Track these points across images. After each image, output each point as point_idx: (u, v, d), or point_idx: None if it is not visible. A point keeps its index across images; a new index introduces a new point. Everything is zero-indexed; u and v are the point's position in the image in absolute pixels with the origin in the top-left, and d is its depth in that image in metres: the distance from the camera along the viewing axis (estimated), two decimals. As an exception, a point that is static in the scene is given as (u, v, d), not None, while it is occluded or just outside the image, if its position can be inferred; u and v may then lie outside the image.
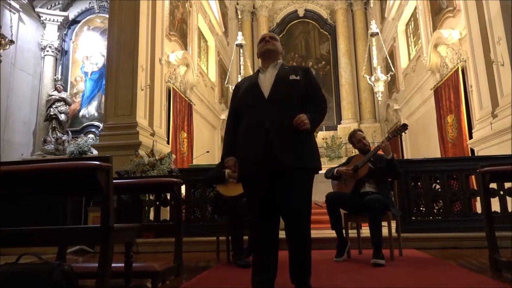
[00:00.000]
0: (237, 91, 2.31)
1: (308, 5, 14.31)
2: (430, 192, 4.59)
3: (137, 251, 4.44)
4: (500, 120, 5.23)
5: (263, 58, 2.30)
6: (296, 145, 2.05)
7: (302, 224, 2.10)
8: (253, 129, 2.10)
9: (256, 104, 2.12)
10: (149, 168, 5.09)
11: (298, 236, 2.10)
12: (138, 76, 6.09)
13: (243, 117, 2.18)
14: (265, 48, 2.27)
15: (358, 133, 3.65)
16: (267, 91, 2.12)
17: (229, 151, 2.23)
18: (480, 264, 2.96)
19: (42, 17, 9.10)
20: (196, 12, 10.09)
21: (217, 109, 11.69)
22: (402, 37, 11.07)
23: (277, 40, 2.33)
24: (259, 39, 2.37)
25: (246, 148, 2.12)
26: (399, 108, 11.19)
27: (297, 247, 2.10)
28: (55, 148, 8.39)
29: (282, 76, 2.16)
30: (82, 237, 2.08)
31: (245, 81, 2.32)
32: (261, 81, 2.19)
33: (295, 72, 2.18)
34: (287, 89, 2.12)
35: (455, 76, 7.15)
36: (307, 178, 2.13)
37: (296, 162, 2.04)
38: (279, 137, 2.04)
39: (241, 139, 2.16)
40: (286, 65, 2.28)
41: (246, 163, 2.12)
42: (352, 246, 3.53)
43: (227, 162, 2.24)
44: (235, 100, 2.29)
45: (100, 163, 1.89)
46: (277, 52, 2.29)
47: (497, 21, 5.26)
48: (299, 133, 2.04)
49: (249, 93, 2.18)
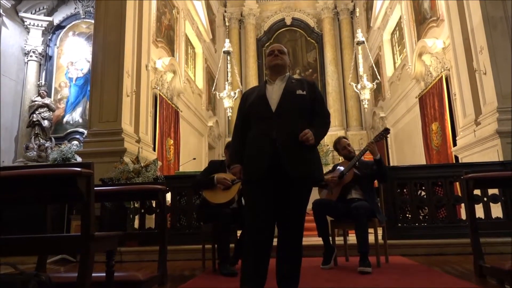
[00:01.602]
0: (245, 100, 2.38)
1: (296, 14, 14.44)
2: (416, 199, 4.62)
3: (121, 260, 4.35)
4: (483, 127, 5.32)
5: (271, 71, 2.38)
6: (301, 157, 2.14)
7: (298, 234, 2.15)
8: (261, 139, 2.18)
9: (264, 116, 2.21)
10: (134, 175, 5.00)
11: (292, 245, 2.13)
12: (123, 82, 6.01)
13: (252, 126, 2.27)
14: (274, 62, 2.35)
15: (343, 140, 3.68)
16: (275, 104, 2.21)
17: (236, 158, 2.32)
18: (465, 270, 2.98)
19: (26, 22, 8.94)
20: (184, 19, 10.07)
21: (204, 116, 11.64)
22: (388, 46, 11.25)
23: (285, 53, 2.41)
24: (269, 51, 2.44)
25: (254, 156, 2.20)
26: (385, 116, 11.32)
27: (289, 256, 2.12)
28: (37, 155, 8.20)
29: (289, 90, 2.25)
30: (61, 246, 2.00)
31: (254, 92, 2.39)
32: (269, 93, 2.27)
33: (301, 87, 2.27)
34: (293, 103, 2.22)
35: (439, 84, 7.27)
36: (308, 190, 2.21)
37: (301, 173, 2.12)
38: (286, 148, 2.13)
39: (249, 148, 2.23)
40: (293, 78, 2.36)
41: (253, 171, 2.19)
42: (339, 253, 3.52)
43: (233, 169, 2.31)
44: (243, 109, 2.36)
45: (81, 169, 1.84)
46: (285, 66, 2.38)
47: (479, 31, 5.37)
48: (304, 145, 2.13)
49: (257, 105, 2.26)
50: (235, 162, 2.31)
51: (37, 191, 2.15)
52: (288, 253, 2.12)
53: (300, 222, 2.15)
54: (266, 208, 2.13)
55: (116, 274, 2.29)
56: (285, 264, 2.10)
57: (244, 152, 2.26)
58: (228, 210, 3.36)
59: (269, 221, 2.15)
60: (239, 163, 2.27)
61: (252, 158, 2.20)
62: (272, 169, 2.12)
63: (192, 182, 3.85)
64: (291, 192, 2.13)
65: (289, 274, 2.09)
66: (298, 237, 2.14)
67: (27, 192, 2.05)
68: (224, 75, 11.89)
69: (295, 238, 2.13)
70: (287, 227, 2.14)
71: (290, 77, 2.36)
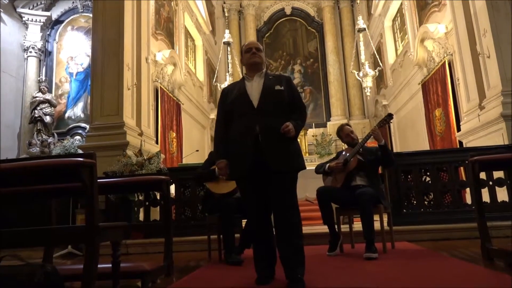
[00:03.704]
0: (225, 96, 2.47)
1: (295, 3, 14.31)
2: (421, 185, 4.60)
3: (127, 252, 4.36)
4: (488, 111, 5.27)
5: (250, 68, 2.47)
6: (283, 150, 2.25)
7: (293, 218, 2.22)
8: (244, 134, 2.27)
9: (247, 112, 2.29)
10: (137, 168, 5.00)
11: (288, 230, 2.20)
12: (124, 75, 5.98)
13: (234, 122, 2.35)
14: (252, 60, 2.43)
15: (346, 127, 3.64)
16: (256, 99, 2.30)
17: (220, 154, 2.41)
18: (472, 253, 2.97)
19: (24, 17, 8.89)
20: (183, 11, 9.99)
21: (206, 108, 11.60)
22: (389, 33, 11.13)
23: (262, 51, 2.50)
24: (245, 48, 2.51)
25: (238, 151, 2.29)
26: (388, 104, 11.25)
27: (288, 241, 2.18)
28: (40, 151, 8.21)
29: (269, 86, 2.34)
30: (66, 237, 2.00)
31: (233, 88, 2.46)
32: (249, 90, 2.36)
33: (279, 82, 2.37)
34: (273, 98, 2.32)
35: (442, 70, 7.19)
36: (292, 177, 2.30)
37: (283, 165, 2.23)
38: (268, 142, 2.23)
39: (233, 144, 2.34)
40: (270, 74, 2.46)
41: (238, 166, 2.30)
42: (345, 240, 3.51)
43: (219, 164, 2.39)
44: (224, 106, 2.44)
45: (83, 159, 1.82)
46: (263, 63, 2.48)
47: (482, 14, 5.29)
48: (285, 138, 2.24)
49: (239, 101, 2.34)
50: (221, 157, 2.39)
51: (40, 184, 2.15)
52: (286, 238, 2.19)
53: (292, 206, 2.23)
54: (258, 202, 2.29)
55: (122, 265, 2.29)
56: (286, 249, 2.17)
57: (228, 148, 2.36)
58: (233, 200, 3.35)
59: (262, 209, 2.30)
60: (224, 158, 2.37)
61: (236, 156, 2.30)
62: (256, 164, 2.22)
63: (193, 174, 3.85)
64: (277, 182, 2.22)
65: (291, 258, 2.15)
66: (293, 220, 2.21)
67: (30, 184, 2.04)
68: (224, 67, 11.83)
69: (289, 223, 2.20)
70: (281, 213, 2.22)
71: (267, 73, 2.45)
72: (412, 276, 2.26)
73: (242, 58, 2.54)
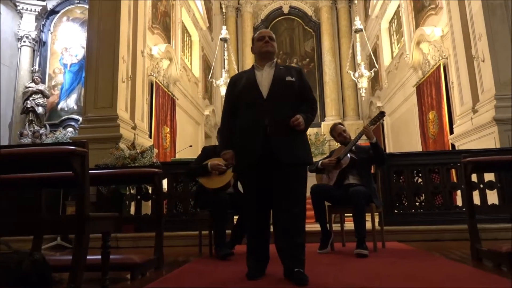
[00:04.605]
0: (233, 85, 2.39)
1: (293, 2, 14.29)
2: (413, 186, 4.62)
3: (117, 246, 4.33)
4: (481, 115, 5.31)
5: (261, 57, 2.38)
6: (291, 142, 2.19)
7: (298, 217, 2.17)
8: (253, 125, 2.21)
9: (255, 102, 2.23)
10: (130, 162, 4.96)
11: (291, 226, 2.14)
12: (119, 68, 5.93)
13: (242, 112, 2.29)
14: (265, 49, 2.36)
15: (339, 126, 3.66)
16: (266, 90, 2.24)
17: (227, 144, 2.34)
18: (462, 254, 2.99)
19: (19, 6, 8.77)
20: (180, 6, 9.92)
21: (201, 104, 11.55)
22: (385, 34, 11.17)
23: (275, 40, 2.43)
24: (258, 37, 2.42)
25: (245, 142, 2.23)
26: (382, 105, 11.30)
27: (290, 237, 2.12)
28: (32, 141, 8.11)
29: (279, 76, 2.28)
30: (56, 226, 1.97)
31: (242, 77, 2.38)
32: (259, 79, 2.29)
33: (290, 73, 2.31)
34: (284, 89, 2.25)
35: (437, 73, 7.24)
36: (301, 171, 2.26)
37: (291, 158, 2.17)
38: (277, 134, 2.17)
39: (241, 134, 2.27)
40: (281, 65, 2.40)
41: (245, 157, 2.24)
42: (336, 239, 3.52)
43: (225, 154, 2.33)
44: (232, 95, 2.37)
45: (75, 148, 1.80)
46: (275, 53, 2.40)
47: (478, 18, 5.33)
48: (294, 131, 2.18)
49: (248, 91, 2.28)
50: (227, 148, 2.33)
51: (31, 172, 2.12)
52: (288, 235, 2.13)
53: (300, 206, 2.17)
54: (260, 192, 2.22)
55: (112, 257, 2.26)
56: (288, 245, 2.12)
57: (235, 139, 2.29)
58: (225, 196, 3.34)
59: (264, 204, 2.24)
60: (231, 148, 2.31)
61: (244, 147, 2.24)
62: (264, 156, 2.17)
63: (185, 169, 3.82)
64: (284, 176, 2.17)
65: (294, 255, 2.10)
66: (300, 221, 2.16)
67: (21, 171, 2.01)
68: (220, 63, 11.79)
69: (296, 222, 2.15)
70: (287, 213, 2.15)
71: (278, 63, 2.39)
72: (402, 274, 2.27)
73: (254, 47, 2.44)
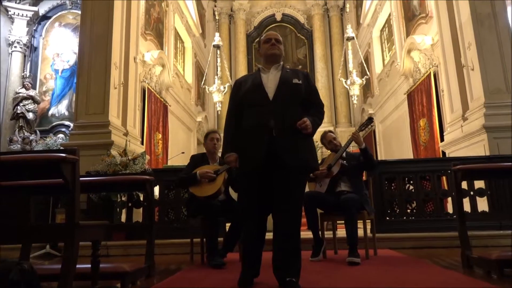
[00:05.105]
0: (238, 87, 2.36)
1: (286, 10, 14.40)
2: (404, 193, 4.65)
3: (107, 254, 4.27)
4: (470, 123, 5.38)
5: (267, 60, 2.36)
6: (298, 146, 2.16)
7: (296, 221, 2.15)
8: (258, 126, 2.17)
9: (261, 104, 2.20)
10: (121, 168, 4.92)
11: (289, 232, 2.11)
12: (111, 74, 5.90)
13: (246, 114, 2.25)
14: (272, 52, 2.34)
15: (329, 134, 3.68)
16: (272, 92, 2.21)
17: (230, 146, 2.30)
18: (453, 261, 3.01)
19: (10, 11, 8.71)
20: (173, 12, 9.95)
21: (193, 111, 11.54)
22: (377, 42, 11.30)
23: (281, 43, 2.40)
24: (264, 39, 2.40)
25: (250, 145, 2.19)
26: (374, 113, 11.39)
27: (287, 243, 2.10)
28: (22, 148, 8.02)
29: (286, 79, 2.26)
30: (46, 233, 1.95)
31: (247, 80, 2.37)
32: (265, 81, 2.27)
33: (297, 76, 2.29)
34: (290, 92, 2.22)
35: (427, 80, 7.33)
36: (303, 177, 2.26)
37: (297, 161, 2.14)
38: (283, 137, 2.13)
39: (245, 136, 2.23)
40: (287, 68, 2.38)
41: (250, 157, 2.18)
42: (328, 246, 3.52)
43: (228, 157, 2.28)
44: (237, 97, 2.33)
45: (66, 155, 1.78)
46: (281, 56, 2.37)
47: (467, 27, 5.43)
48: (301, 134, 2.15)
49: (253, 93, 2.25)
50: (230, 150, 2.29)
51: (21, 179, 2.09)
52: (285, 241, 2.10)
53: (297, 208, 2.17)
54: (261, 198, 2.17)
55: (102, 266, 2.24)
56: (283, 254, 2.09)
57: (239, 141, 2.25)
58: (217, 203, 3.32)
59: (262, 212, 2.20)
60: (234, 151, 2.26)
61: (249, 148, 2.20)
62: (268, 159, 2.13)
63: (175, 181, 3.78)
64: (287, 180, 2.13)
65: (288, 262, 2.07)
66: (296, 224, 2.14)
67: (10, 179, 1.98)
68: (213, 70, 11.80)
69: (293, 225, 2.12)
70: (285, 214, 2.13)
71: (284, 66, 2.36)
72: (394, 282, 2.28)
73: (260, 49, 2.41)
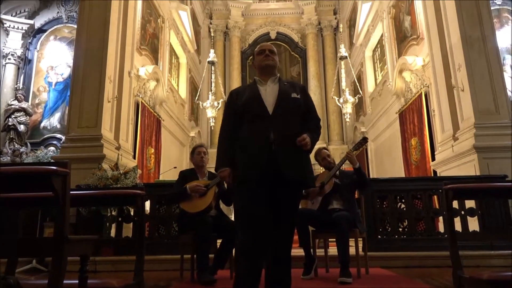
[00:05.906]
0: (235, 98, 2.29)
1: (280, 29, 14.63)
2: (396, 211, 4.66)
3: (95, 269, 4.18)
4: (461, 142, 5.45)
5: (262, 72, 2.32)
6: (296, 161, 2.12)
7: (289, 238, 2.13)
8: (257, 138, 2.11)
9: (260, 116, 2.14)
10: (112, 182, 4.87)
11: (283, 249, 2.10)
12: (105, 87, 5.90)
13: (244, 127, 2.19)
14: (265, 63, 2.30)
15: (323, 151, 3.70)
16: (270, 105, 2.16)
17: (225, 161, 2.19)
18: (444, 281, 3.00)
19: (6, 24, 8.72)
20: (169, 28, 10.05)
21: (187, 126, 11.54)
22: (369, 62, 11.50)
23: (276, 54, 2.36)
24: (258, 50, 2.37)
25: (249, 158, 2.12)
26: (366, 131, 11.49)
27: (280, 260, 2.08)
28: (11, 160, 7.90)
29: (285, 92, 2.22)
30: (33, 248, 1.91)
31: (244, 91, 2.31)
32: (263, 94, 2.21)
33: (295, 90, 2.25)
34: (289, 106, 2.19)
35: (418, 100, 7.44)
36: (300, 193, 2.25)
37: (299, 177, 2.12)
38: (282, 151, 2.09)
39: (244, 149, 2.15)
40: (284, 81, 2.34)
41: (248, 168, 2.11)
42: (319, 264, 3.49)
43: (222, 172, 2.19)
44: (234, 106, 2.25)
45: (57, 168, 1.76)
46: (276, 67, 2.33)
47: (458, 49, 5.56)
48: (300, 150, 2.12)
49: (252, 105, 2.19)
50: (224, 165, 2.18)
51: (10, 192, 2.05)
52: (279, 257, 2.08)
53: (292, 226, 2.15)
54: (262, 214, 2.03)
55: (89, 282, 2.19)
56: (276, 268, 2.06)
57: (237, 153, 2.17)
58: (209, 219, 3.29)
59: (264, 228, 2.03)
60: (229, 166, 2.16)
61: (247, 160, 2.12)
62: (266, 172, 2.07)
63: (165, 197, 3.73)
64: (285, 195, 2.10)
65: (281, 278, 2.06)
66: (289, 240, 2.13)
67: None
68: (207, 85, 11.86)
69: (286, 241, 2.11)
70: (280, 230, 2.10)
71: (281, 79, 2.33)
72: (386, 302, 2.26)
73: (254, 61, 2.39)
